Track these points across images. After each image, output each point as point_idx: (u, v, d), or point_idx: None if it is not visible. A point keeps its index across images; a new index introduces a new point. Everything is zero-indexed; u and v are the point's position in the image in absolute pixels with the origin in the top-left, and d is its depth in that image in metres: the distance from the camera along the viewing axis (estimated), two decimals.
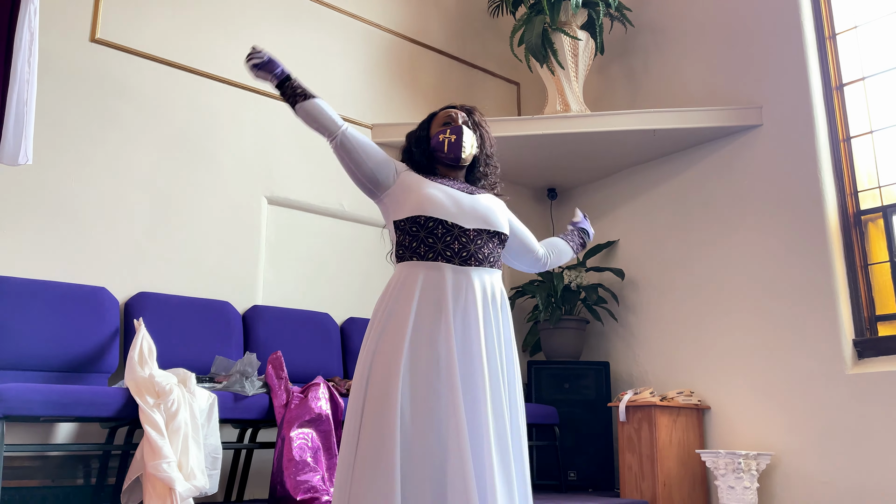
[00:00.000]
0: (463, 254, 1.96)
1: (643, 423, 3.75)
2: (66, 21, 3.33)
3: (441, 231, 1.96)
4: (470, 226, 1.99)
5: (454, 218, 1.97)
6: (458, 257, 1.95)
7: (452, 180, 2.11)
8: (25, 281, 2.98)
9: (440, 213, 1.96)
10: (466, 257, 1.96)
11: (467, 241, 1.97)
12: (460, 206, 2.00)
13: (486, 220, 2.02)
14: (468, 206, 2.01)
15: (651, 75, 4.68)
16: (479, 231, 2.00)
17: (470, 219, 1.99)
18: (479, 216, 2.01)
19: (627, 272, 4.53)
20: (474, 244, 1.98)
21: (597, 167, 4.68)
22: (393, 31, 4.59)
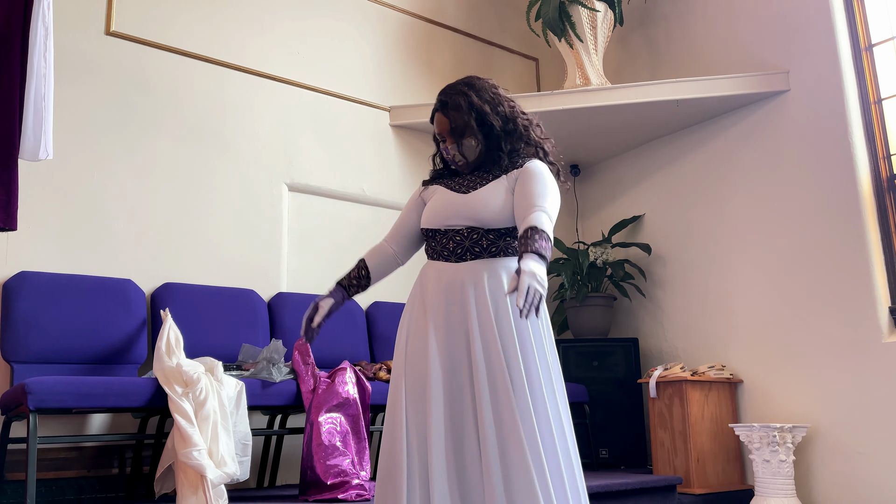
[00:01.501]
0: (457, 251, 2.06)
1: (674, 398, 3.70)
2: (80, 15, 3.34)
3: (439, 236, 2.10)
4: (462, 225, 2.06)
5: (444, 223, 2.09)
6: (455, 256, 2.06)
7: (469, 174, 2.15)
8: (53, 275, 3.01)
9: (432, 223, 2.12)
10: (461, 253, 2.05)
11: (461, 239, 2.06)
12: (451, 208, 2.09)
13: (475, 217, 2.05)
14: (460, 206, 2.08)
15: (672, 44, 4.57)
16: (470, 228, 2.06)
17: (459, 218, 2.07)
18: (468, 214, 2.06)
19: (654, 247, 4.45)
20: (469, 239, 2.05)
21: (620, 141, 4.60)
22: (408, 12, 4.54)
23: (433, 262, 2.11)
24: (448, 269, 2.05)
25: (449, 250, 2.07)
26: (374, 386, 3.18)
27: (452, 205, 2.09)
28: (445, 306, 2.00)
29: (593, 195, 4.95)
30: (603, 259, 4.33)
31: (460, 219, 2.06)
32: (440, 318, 2.00)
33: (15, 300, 2.88)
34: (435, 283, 2.05)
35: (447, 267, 2.05)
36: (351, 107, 4.17)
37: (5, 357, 2.82)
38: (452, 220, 2.07)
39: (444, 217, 2.09)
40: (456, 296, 2.01)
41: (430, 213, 2.13)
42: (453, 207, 2.08)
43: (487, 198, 2.06)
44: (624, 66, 4.84)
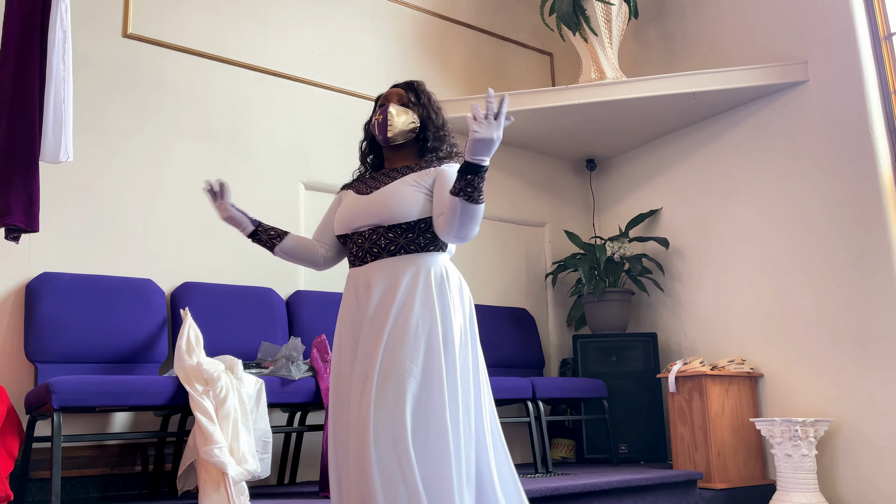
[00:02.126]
0: (359, 254, 2.07)
1: (694, 393, 3.68)
2: (98, 18, 3.37)
3: (348, 241, 2.12)
4: (364, 227, 2.07)
5: (349, 227, 2.10)
6: (359, 260, 2.07)
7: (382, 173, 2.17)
8: (74, 276, 3.05)
9: (339, 229, 2.14)
10: (362, 256, 2.06)
11: (363, 242, 2.06)
12: (354, 211, 2.10)
13: (377, 215, 2.05)
14: (361, 208, 2.09)
15: (688, 37, 4.53)
16: (373, 228, 2.06)
17: (363, 218, 2.07)
18: (370, 213, 2.06)
19: (672, 241, 4.43)
20: (369, 241, 2.05)
21: (636, 135, 4.57)
22: (422, 9, 4.54)
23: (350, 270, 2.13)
24: (353, 274, 2.09)
25: (353, 254, 2.10)
26: None
27: (355, 208, 2.11)
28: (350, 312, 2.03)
29: (609, 190, 4.92)
30: (620, 254, 4.31)
31: (362, 220, 2.07)
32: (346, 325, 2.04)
33: (37, 301, 2.92)
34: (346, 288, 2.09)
35: (353, 272, 2.09)
36: (366, 104, 4.17)
37: (29, 357, 2.86)
38: (355, 224, 2.09)
39: (348, 222, 2.11)
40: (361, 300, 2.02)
41: (338, 219, 2.15)
42: (356, 210, 2.10)
43: (388, 194, 2.07)
44: (639, 60, 4.81)
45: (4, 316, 2.92)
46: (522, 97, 4.13)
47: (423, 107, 2.18)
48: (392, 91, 2.22)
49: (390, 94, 2.21)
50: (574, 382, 3.90)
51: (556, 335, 4.67)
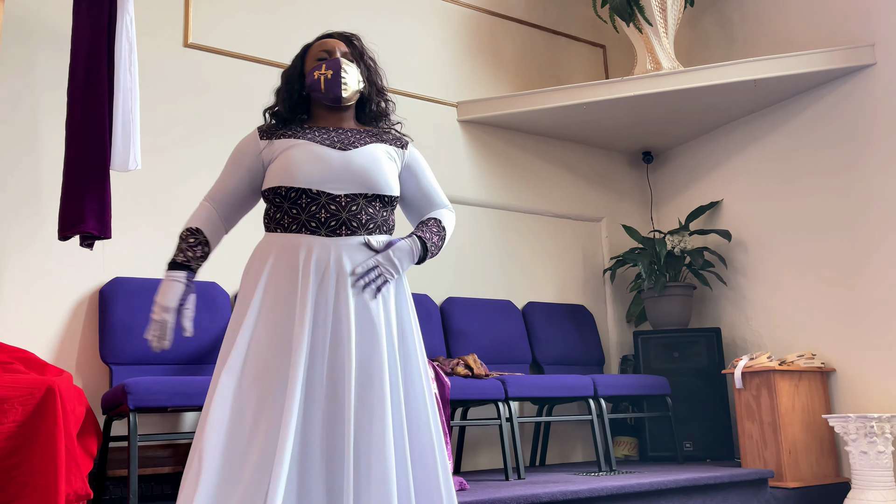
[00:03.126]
0: (331, 223, 1.71)
1: (762, 389, 3.58)
2: (159, 29, 3.47)
3: (305, 201, 1.72)
4: (340, 191, 1.72)
5: (318, 185, 1.71)
6: (325, 227, 1.71)
7: (333, 130, 1.83)
8: (145, 280, 3.14)
9: (302, 182, 1.71)
10: (335, 226, 1.71)
11: (337, 209, 1.71)
12: (328, 167, 1.73)
13: (362, 181, 1.74)
14: (338, 167, 1.74)
15: (747, 22, 4.41)
16: (352, 196, 1.73)
17: (340, 182, 1.73)
18: (352, 178, 1.74)
19: (734, 233, 4.31)
20: (347, 211, 1.72)
21: (694, 125, 4.47)
22: (472, 6, 4.53)
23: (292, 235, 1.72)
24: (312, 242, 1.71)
25: (316, 218, 1.71)
26: (452, 381, 3.19)
27: (329, 163, 1.74)
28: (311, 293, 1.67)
29: (667, 182, 4.83)
30: (681, 247, 4.23)
31: (340, 182, 1.73)
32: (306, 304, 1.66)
33: (111, 305, 3.02)
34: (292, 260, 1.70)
35: (313, 240, 1.71)
36: (418, 104, 4.20)
37: (104, 359, 2.96)
38: (330, 183, 1.72)
39: (318, 177, 1.72)
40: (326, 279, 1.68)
41: (297, 170, 1.72)
42: (331, 166, 1.73)
43: (371, 159, 1.78)
44: (696, 48, 4.70)
45: (80, 320, 3.03)
46: (576, 91, 4.08)
47: (367, 65, 1.91)
48: (334, 42, 1.89)
49: (333, 45, 1.88)
50: (636, 379, 3.84)
51: (615, 331, 4.61)
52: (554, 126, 4.43)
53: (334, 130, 1.83)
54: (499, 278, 4.26)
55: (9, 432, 2.06)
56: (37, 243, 2.98)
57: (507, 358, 3.98)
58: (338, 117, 1.88)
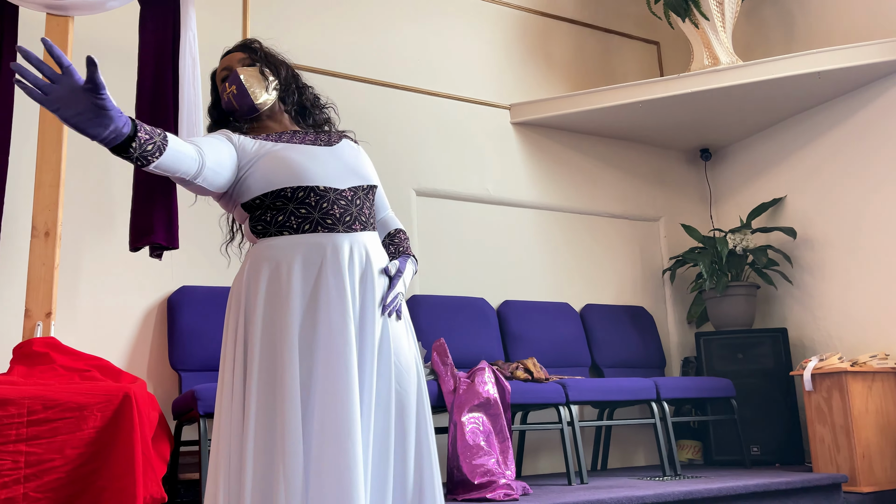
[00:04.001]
0: (346, 218, 1.63)
1: (833, 391, 3.46)
2: (218, 42, 3.54)
3: (314, 198, 1.61)
4: (344, 185, 1.65)
5: (324, 181, 1.62)
6: (342, 223, 1.62)
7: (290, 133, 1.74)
8: (210, 288, 3.22)
9: (309, 180, 1.61)
10: (350, 222, 1.63)
11: (347, 204, 1.64)
12: (326, 162, 1.65)
13: (357, 172, 1.69)
14: (334, 162, 1.67)
15: (808, 13, 4.28)
16: (354, 189, 1.66)
17: (341, 176, 1.65)
18: (349, 170, 1.68)
19: (799, 230, 4.19)
20: (355, 205, 1.65)
21: (754, 120, 4.36)
22: (523, 8, 4.51)
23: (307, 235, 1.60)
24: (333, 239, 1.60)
25: (335, 217, 1.61)
26: (512, 385, 3.18)
27: (324, 159, 1.66)
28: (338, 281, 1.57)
29: (727, 179, 4.71)
30: (743, 246, 4.12)
31: (341, 176, 1.65)
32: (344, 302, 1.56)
33: (178, 313, 3.11)
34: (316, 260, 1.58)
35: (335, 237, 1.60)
36: (471, 108, 4.20)
37: (173, 366, 3.05)
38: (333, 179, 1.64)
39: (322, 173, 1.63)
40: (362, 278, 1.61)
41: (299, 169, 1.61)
42: (328, 161, 1.66)
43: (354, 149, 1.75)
44: (755, 42, 4.59)
45: (150, 328, 3.13)
46: (630, 89, 4.03)
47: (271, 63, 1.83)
48: (230, 57, 1.82)
49: (229, 61, 1.81)
50: (700, 382, 3.75)
51: (676, 333, 4.52)
52: (608, 126, 4.38)
53: (292, 133, 1.74)
54: (555, 281, 4.23)
55: (88, 438, 2.14)
56: (109, 255, 3.09)
57: (566, 361, 3.94)
58: (279, 125, 1.80)
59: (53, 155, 2.68)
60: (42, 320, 2.55)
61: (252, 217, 1.68)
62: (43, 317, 2.55)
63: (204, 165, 1.57)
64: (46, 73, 1.28)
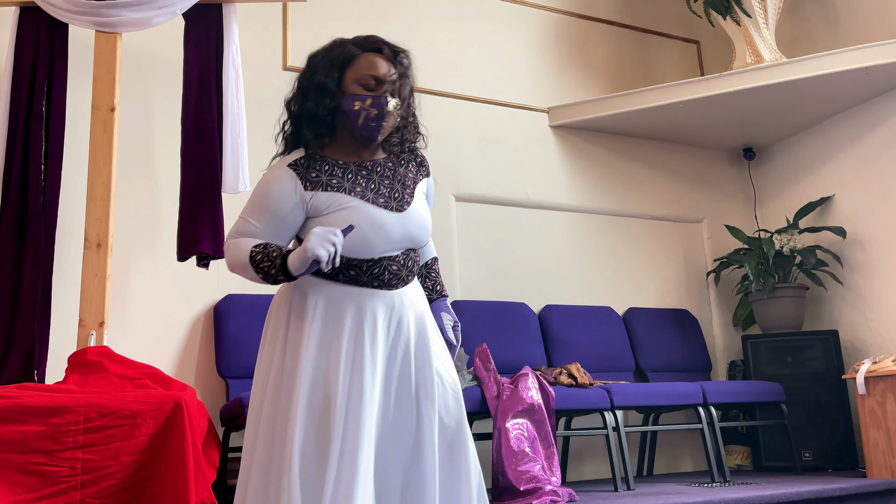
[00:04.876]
0: (392, 281, 1.69)
1: (887, 394, 3.36)
2: (260, 54, 3.61)
3: (367, 265, 1.67)
4: (398, 251, 1.70)
5: (381, 253, 1.67)
6: (387, 285, 1.69)
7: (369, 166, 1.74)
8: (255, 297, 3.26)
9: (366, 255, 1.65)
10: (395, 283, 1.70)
11: (398, 269, 1.70)
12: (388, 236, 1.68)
13: (415, 240, 1.74)
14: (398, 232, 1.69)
15: (853, 7, 4.17)
16: (406, 252, 1.73)
17: (398, 245, 1.70)
18: (408, 238, 1.72)
19: (849, 229, 4.08)
20: (405, 267, 1.72)
21: (799, 118, 4.26)
22: (561, 10, 4.49)
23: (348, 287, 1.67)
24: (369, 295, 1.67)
25: (382, 281, 1.68)
26: (556, 391, 3.16)
27: (389, 230, 1.68)
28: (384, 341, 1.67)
29: (772, 178, 4.62)
30: (790, 246, 4.03)
31: (398, 244, 1.70)
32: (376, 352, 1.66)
33: (224, 321, 3.16)
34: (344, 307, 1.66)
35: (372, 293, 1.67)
36: (510, 112, 4.19)
37: (220, 373, 3.10)
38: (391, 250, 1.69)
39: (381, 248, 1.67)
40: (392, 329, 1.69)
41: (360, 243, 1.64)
42: (391, 233, 1.68)
43: (422, 214, 1.76)
44: (799, 38, 4.49)
45: (198, 336, 3.19)
46: (670, 90, 3.98)
47: (407, 96, 1.79)
48: (383, 63, 1.74)
49: (383, 71, 1.73)
50: (748, 386, 3.68)
51: (721, 336, 4.44)
52: (649, 127, 4.33)
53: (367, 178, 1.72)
54: (597, 284, 4.19)
55: (142, 445, 2.18)
56: (158, 265, 3.16)
57: (610, 366, 3.90)
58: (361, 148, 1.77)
59: (104, 169, 2.75)
60: (95, 329, 2.62)
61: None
62: (96, 326, 2.62)
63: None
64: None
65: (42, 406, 2.12)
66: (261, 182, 1.74)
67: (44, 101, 2.80)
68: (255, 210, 1.71)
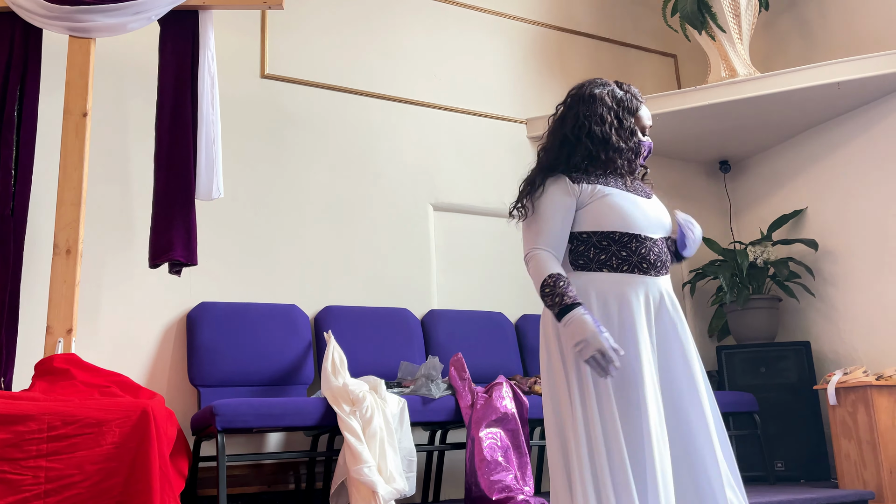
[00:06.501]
0: (658, 264, 1.97)
1: (858, 405, 3.40)
2: (237, 62, 3.60)
3: (635, 244, 1.95)
4: (657, 235, 1.99)
5: (645, 230, 1.96)
6: (654, 268, 1.96)
7: (628, 184, 2.07)
8: (229, 304, 3.25)
9: (634, 228, 1.95)
10: (661, 267, 1.97)
11: (659, 251, 1.97)
12: (647, 215, 1.98)
13: (664, 225, 2.03)
14: (653, 215, 2.00)
15: (828, 23, 4.25)
16: (662, 239, 2.01)
17: (655, 228, 1.99)
18: (660, 223, 2.01)
19: (821, 242, 4.13)
20: (664, 252, 1.99)
21: (773, 132, 4.32)
22: (539, 23, 4.53)
23: (625, 276, 1.93)
24: (640, 281, 1.94)
25: (649, 262, 1.94)
26: (530, 400, 3.16)
27: (646, 210, 1.99)
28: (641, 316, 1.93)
29: (747, 191, 4.67)
30: (764, 258, 4.08)
31: (654, 227, 1.99)
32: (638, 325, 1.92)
33: (198, 329, 3.13)
34: (637, 298, 1.93)
35: (640, 279, 1.94)
36: (488, 123, 4.21)
37: (192, 381, 3.07)
38: (650, 229, 1.97)
39: (644, 223, 1.96)
40: (656, 310, 1.95)
41: (628, 217, 1.94)
42: (647, 214, 1.99)
43: (660, 204, 2.09)
44: (773, 53, 4.56)
45: (170, 344, 3.16)
46: (648, 102, 3.93)
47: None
48: (648, 116, 2.20)
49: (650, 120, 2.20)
50: (721, 396, 3.69)
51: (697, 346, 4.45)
52: None
53: (622, 179, 2.05)
54: None
55: (107, 454, 2.16)
56: (129, 272, 3.13)
57: None
58: (627, 177, 2.08)
59: (75, 175, 2.73)
60: (63, 337, 2.58)
61: (573, 250, 1.98)
62: (64, 333, 2.59)
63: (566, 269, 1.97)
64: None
65: (6, 414, 2.09)
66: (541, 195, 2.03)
67: (16, 106, 2.78)
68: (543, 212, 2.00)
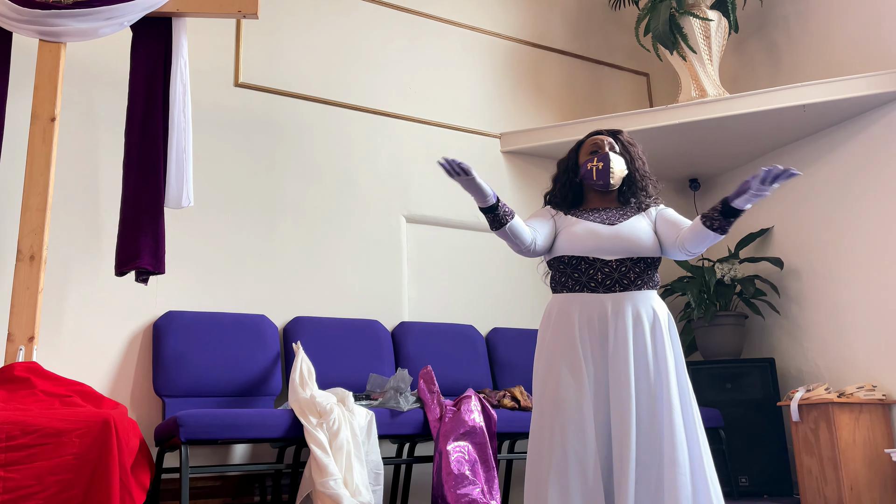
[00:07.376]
0: (607, 282, 2.15)
1: (820, 422, 3.45)
2: (211, 70, 3.59)
3: (584, 266, 2.17)
4: (611, 257, 2.16)
5: (592, 252, 2.16)
6: (603, 287, 2.15)
7: (601, 210, 2.26)
8: (196, 314, 3.22)
9: (580, 251, 2.17)
10: (610, 285, 2.14)
11: (610, 270, 2.15)
12: (599, 239, 2.17)
13: (628, 248, 2.16)
14: (608, 239, 2.17)
15: (795, 47, 4.35)
16: (620, 260, 2.16)
17: (614, 251, 2.16)
18: (621, 246, 2.16)
19: (786, 260, 4.21)
20: (618, 272, 2.15)
21: (742, 151, 4.40)
22: (514, 39, 4.58)
23: (576, 295, 2.17)
24: (586, 299, 2.16)
25: (597, 281, 2.16)
26: (499, 414, 3.17)
27: (600, 236, 2.18)
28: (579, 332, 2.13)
29: None
30: (731, 276, 4.14)
31: (610, 251, 2.16)
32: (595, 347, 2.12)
33: (164, 338, 3.10)
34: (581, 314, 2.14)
35: (587, 297, 2.16)
36: (462, 136, 4.24)
37: (157, 391, 3.03)
38: (602, 252, 2.16)
39: (592, 247, 2.17)
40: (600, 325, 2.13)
41: (577, 241, 2.18)
42: (602, 239, 2.17)
43: (635, 229, 2.20)
44: (742, 75, 4.65)
45: (135, 353, 3.12)
46: (619, 120, 4.07)
47: (630, 154, 2.32)
48: (602, 138, 2.32)
49: (602, 141, 2.30)
50: None
51: None
52: None
53: (603, 210, 2.26)
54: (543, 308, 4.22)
55: (67, 465, 2.12)
56: (95, 279, 3.09)
57: None
58: (606, 199, 2.30)
59: (41, 180, 2.69)
60: (24, 345, 2.54)
61: (550, 276, 2.29)
62: (25, 341, 2.54)
63: (535, 242, 2.20)
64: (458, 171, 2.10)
65: None
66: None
67: None
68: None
